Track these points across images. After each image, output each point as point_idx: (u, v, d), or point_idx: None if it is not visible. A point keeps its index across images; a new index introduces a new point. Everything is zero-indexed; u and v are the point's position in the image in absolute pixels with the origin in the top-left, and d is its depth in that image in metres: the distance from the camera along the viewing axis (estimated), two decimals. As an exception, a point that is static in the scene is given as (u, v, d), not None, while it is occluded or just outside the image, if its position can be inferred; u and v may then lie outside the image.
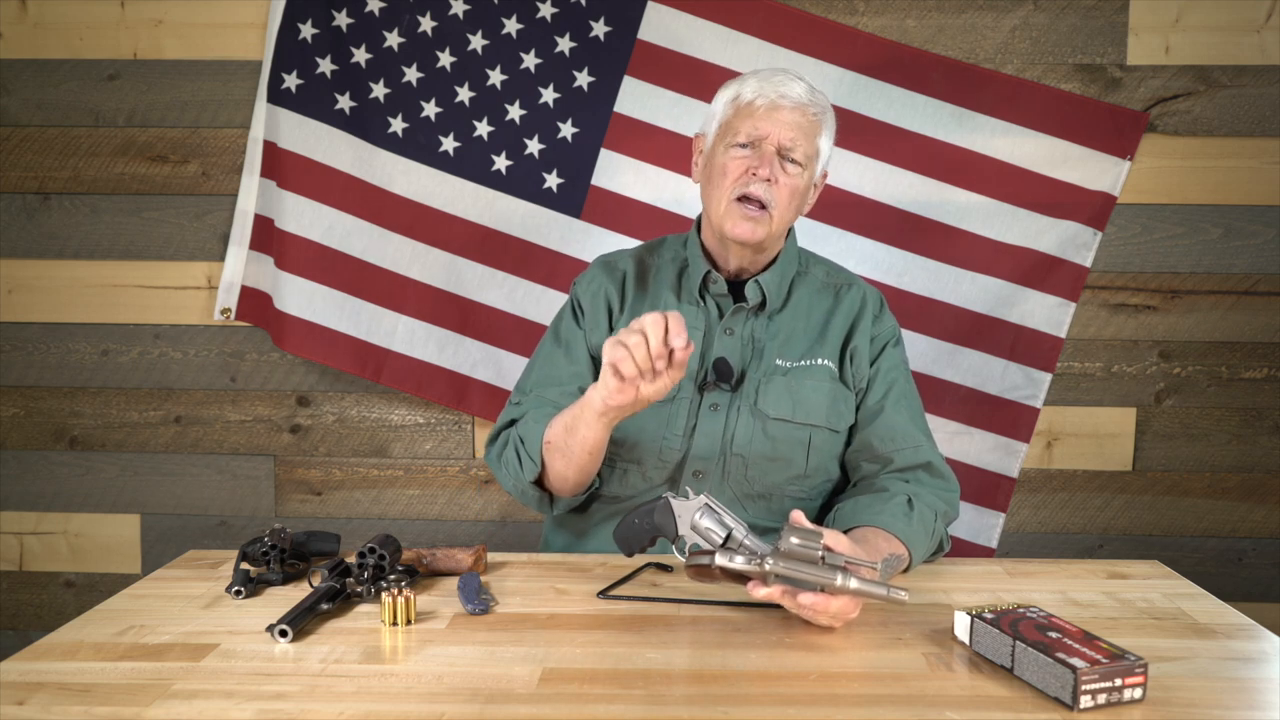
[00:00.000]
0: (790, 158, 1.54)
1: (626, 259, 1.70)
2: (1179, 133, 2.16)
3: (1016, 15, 2.15)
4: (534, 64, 2.16)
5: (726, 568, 1.22)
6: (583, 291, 1.68)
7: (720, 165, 1.56)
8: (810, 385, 1.56)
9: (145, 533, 2.35)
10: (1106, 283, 2.21)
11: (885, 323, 1.64)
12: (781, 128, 1.53)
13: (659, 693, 1.06)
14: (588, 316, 1.65)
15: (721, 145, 1.57)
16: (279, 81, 2.16)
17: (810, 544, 1.19)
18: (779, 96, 1.53)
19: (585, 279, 1.70)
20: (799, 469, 1.57)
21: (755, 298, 1.59)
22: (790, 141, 1.53)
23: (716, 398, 1.57)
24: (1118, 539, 2.26)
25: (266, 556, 1.40)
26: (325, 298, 2.18)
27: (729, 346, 1.59)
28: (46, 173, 2.27)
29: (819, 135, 1.57)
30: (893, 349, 1.63)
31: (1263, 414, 2.22)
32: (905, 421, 1.58)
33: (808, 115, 1.54)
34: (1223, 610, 1.31)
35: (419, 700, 1.05)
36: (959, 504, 1.57)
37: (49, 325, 2.31)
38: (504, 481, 1.60)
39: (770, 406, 1.55)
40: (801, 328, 1.61)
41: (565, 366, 1.63)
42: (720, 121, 1.59)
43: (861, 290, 1.66)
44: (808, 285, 1.65)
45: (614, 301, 1.64)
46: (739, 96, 1.57)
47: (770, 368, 1.57)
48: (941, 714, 1.02)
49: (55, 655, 1.16)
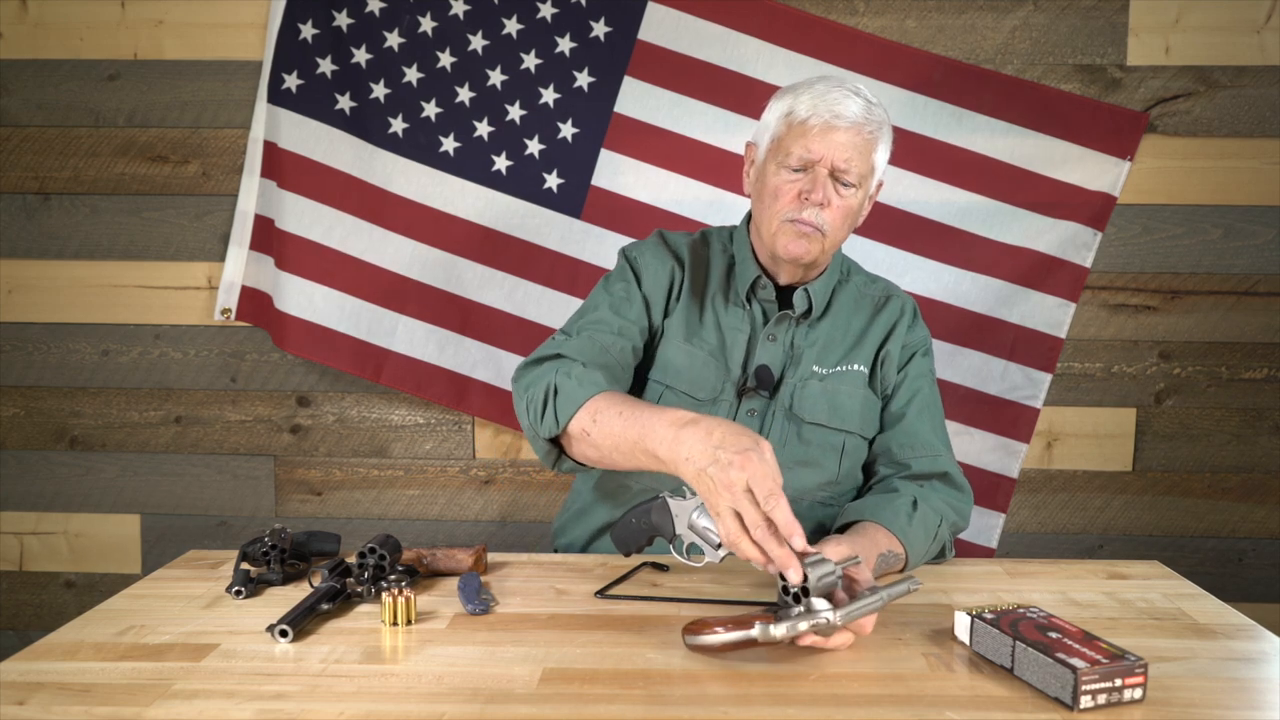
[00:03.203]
0: (844, 181, 1.48)
1: (681, 245, 1.63)
2: (1179, 133, 2.16)
3: (1016, 15, 2.15)
4: (534, 64, 2.16)
5: (771, 639, 1.10)
6: (645, 262, 1.59)
7: (773, 187, 1.50)
8: (846, 391, 1.56)
9: (145, 533, 2.35)
10: (1106, 283, 2.21)
11: (918, 332, 1.63)
12: (836, 149, 1.46)
13: (659, 693, 1.06)
14: (646, 282, 1.56)
15: (773, 164, 1.51)
16: (279, 82, 2.16)
17: (828, 575, 1.13)
18: (834, 116, 1.46)
19: (646, 249, 1.61)
20: (830, 474, 1.55)
21: (802, 306, 1.57)
22: (845, 164, 1.47)
23: (754, 404, 1.55)
24: (1118, 539, 2.26)
25: (266, 556, 1.40)
26: (325, 298, 2.18)
27: (771, 353, 1.57)
28: (46, 173, 2.27)
29: (875, 152, 1.51)
30: (921, 358, 1.62)
31: (1263, 414, 2.22)
32: (926, 429, 1.57)
33: (863, 134, 1.47)
34: (1223, 610, 1.31)
35: (419, 700, 1.05)
36: (970, 516, 1.56)
37: (49, 325, 2.31)
38: (520, 415, 1.45)
39: (806, 411, 1.54)
40: (840, 336, 1.59)
41: (614, 320, 1.53)
42: (772, 137, 1.52)
43: (900, 301, 1.65)
44: (848, 294, 1.63)
45: (676, 284, 1.58)
46: (793, 113, 1.49)
47: (807, 374, 1.56)
48: (941, 714, 1.02)
49: (55, 655, 1.16)
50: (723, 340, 1.58)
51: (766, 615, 1.12)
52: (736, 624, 1.12)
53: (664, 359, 1.58)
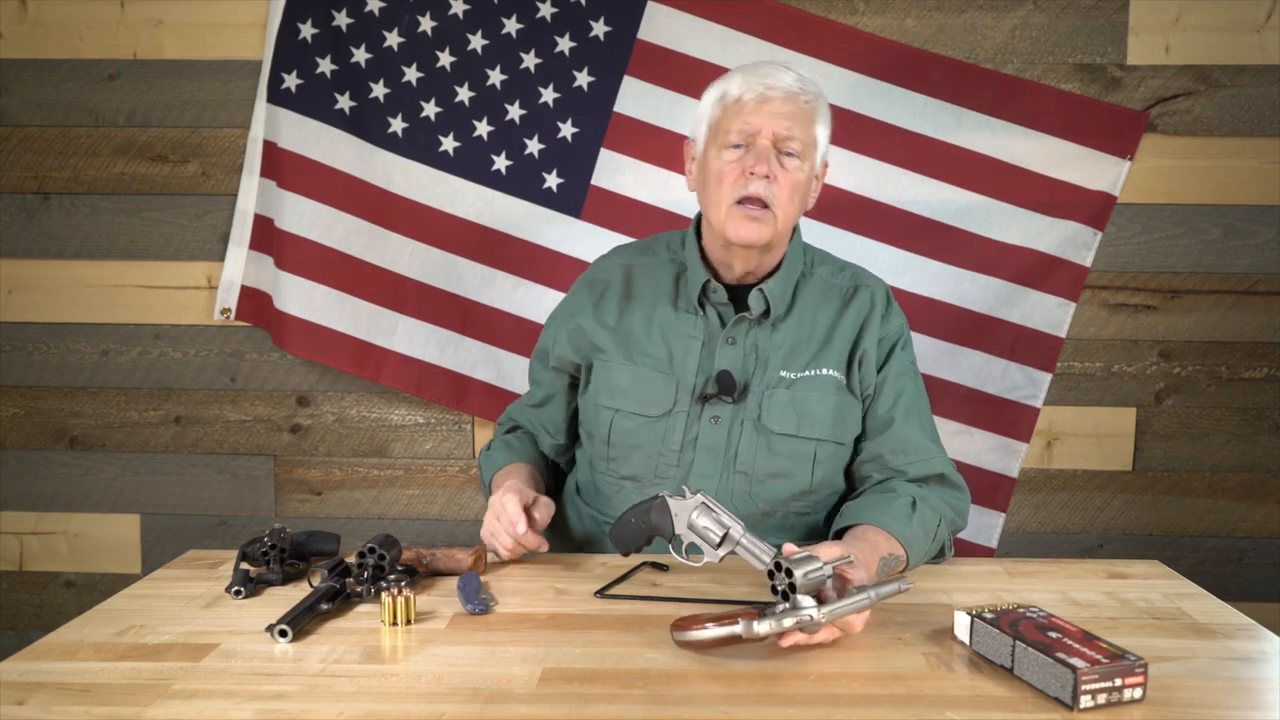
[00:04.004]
0: (787, 150, 1.47)
1: (615, 268, 1.64)
2: (1179, 133, 2.16)
3: (1016, 15, 2.15)
4: (534, 64, 2.16)
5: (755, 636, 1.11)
6: (557, 329, 1.65)
7: (716, 171, 1.49)
8: (815, 397, 1.52)
9: (145, 533, 2.35)
10: (1106, 283, 2.20)
11: (893, 322, 1.58)
12: (774, 119, 1.46)
13: (659, 693, 1.06)
14: (556, 352, 1.64)
15: (714, 149, 1.50)
16: (279, 81, 2.16)
17: (815, 571, 1.14)
18: (767, 88, 1.47)
19: (556, 316, 1.68)
20: (804, 484, 1.53)
21: (759, 307, 1.53)
22: (786, 131, 1.46)
23: (718, 410, 1.53)
24: (1118, 539, 2.26)
25: (266, 556, 1.40)
26: (325, 297, 2.18)
27: (731, 357, 1.53)
28: (46, 173, 2.27)
29: (814, 123, 1.50)
30: (901, 352, 1.57)
31: (1263, 414, 2.22)
32: (916, 432, 1.53)
33: (799, 103, 1.47)
34: (1223, 610, 1.31)
35: (419, 700, 1.05)
36: (968, 514, 1.55)
37: (49, 325, 2.31)
38: None
39: (774, 422, 1.51)
40: (806, 335, 1.55)
41: (534, 393, 1.72)
42: (710, 123, 1.52)
43: (869, 292, 1.59)
44: (813, 288, 1.58)
45: (595, 323, 1.60)
46: (726, 94, 1.50)
47: (774, 379, 1.52)
48: (941, 714, 1.02)
49: (55, 655, 1.16)
50: (670, 351, 1.55)
51: (751, 612, 1.13)
52: (722, 620, 1.13)
53: (608, 384, 1.57)
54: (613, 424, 1.56)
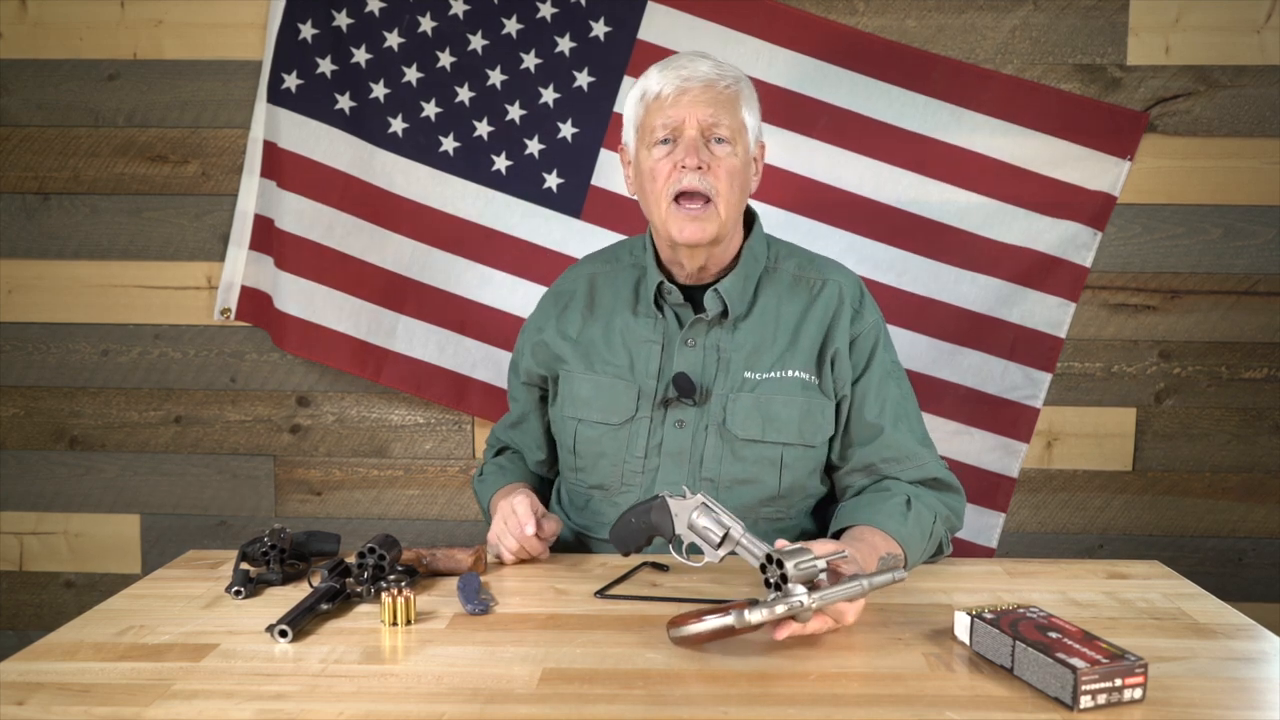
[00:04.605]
0: (716, 136, 1.45)
1: (580, 278, 1.64)
2: (1179, 133, 2.16)
3: (1016, 15, 2.15)
4: (534, 64, 2.16)
5: (748, 624, 1.11)
6: (524, 343, 1.68)
7: (649, 170, 1.48)
8: (781, 400, 1.49)
9: (145, 533, 2.35)
10: (1106, 283, 2.20)
11: (866, 319, 1.53)
12: (696, 108, 1.44)
13: (659, 693, 1.06)
14: (522, 370, 1.67)
15: (644, 148, 1.48)
16: (279, 81, 2.16)
17: (806, 562, 1.14)
18: (684, 80, 1.45)
19: (527, 329, 1.69)
20: (771, 490, 1.51)
21: (715, 308, 1.51)
22: (710, 119, 1.44)
23: (681, 414, 1.51)
24: (1118, 539, 2.26)
25: (266, 556, 1.40)
26: (325, 297, 2.18)
27: (690, 359, 1.51)
28: (46, 173, 2.27)
29: (739, 107, 1.48)
30: (881, 352, 1.53)
31: (1263, 414, 2.22)
32: (906, 438, 1.51)
33: (720, 89, 1.46)
34: (1223, 610, 1.31)
35: (419, 700, 1.05)
36: (964, 514, 1.54)
37: (49, 325, 2.31)
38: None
39: (739, 427, 1.49)
40: (770, 335, 1.52)
41: (512, 411, 1.73)
42: (636, 123, 1.51)
43: (837, 286, 1.54)
44: (776, 284, 1.55)
45: (557, 345, 1.60)
46: (646, 92, 1.49)
47: (738, 381, 1.50)
48: (941, 714, 1.02)
49: (55, 655, 1.16)
50: (631, 358, 1.55)
51: (744, 603, 1.13)
52: (716, 613, 1.13)
53: (571, 395, 1.57)
54: (577, 433, 1.57)
